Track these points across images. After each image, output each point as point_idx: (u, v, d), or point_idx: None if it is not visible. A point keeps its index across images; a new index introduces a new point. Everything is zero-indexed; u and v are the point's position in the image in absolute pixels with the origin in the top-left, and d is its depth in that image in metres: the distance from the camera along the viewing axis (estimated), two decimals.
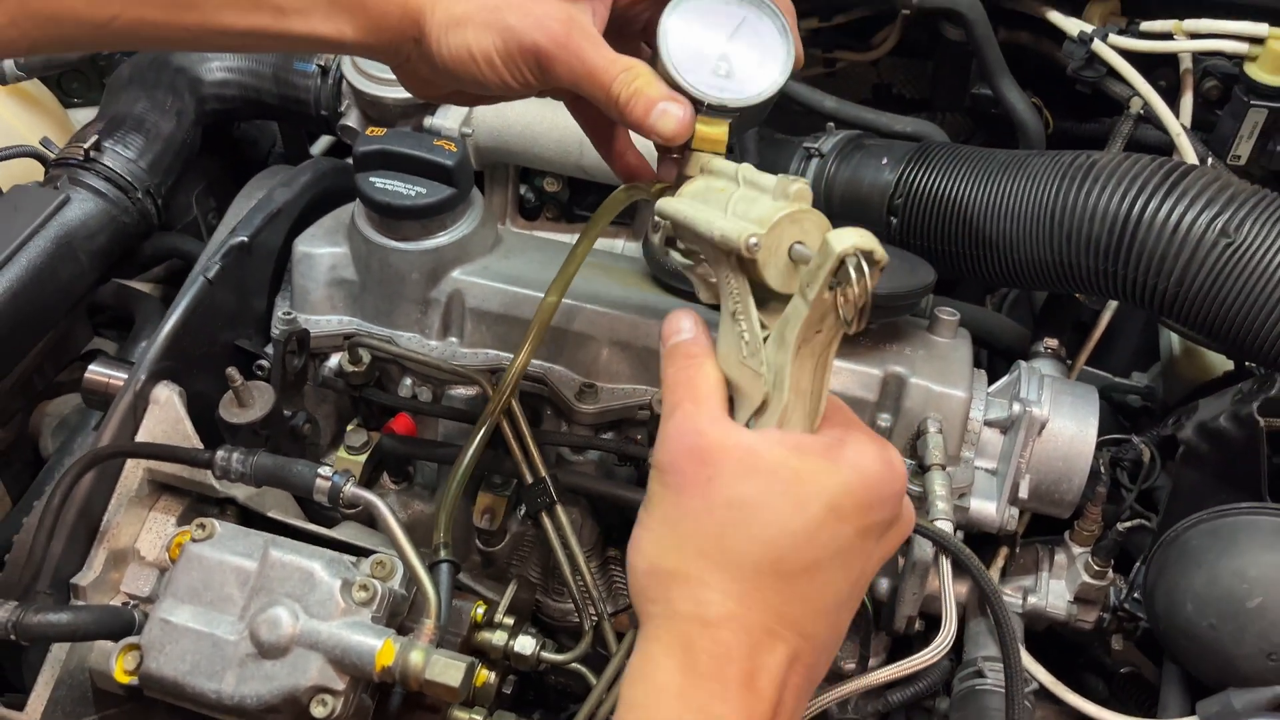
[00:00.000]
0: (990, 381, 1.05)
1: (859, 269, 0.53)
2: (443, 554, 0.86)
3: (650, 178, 0.77)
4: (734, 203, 0.63)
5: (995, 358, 1.32)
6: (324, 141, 1.49)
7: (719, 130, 0.69)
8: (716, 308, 0.65)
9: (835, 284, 0.55)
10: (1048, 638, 1.09)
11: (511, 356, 0.92)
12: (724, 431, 0.58)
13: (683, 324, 0.64)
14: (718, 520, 0.56)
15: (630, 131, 0.77)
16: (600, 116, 0.76)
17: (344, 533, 0.93)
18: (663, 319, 0.67)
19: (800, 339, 0.57)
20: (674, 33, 0.69)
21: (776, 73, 0.70)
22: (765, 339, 0.60)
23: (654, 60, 0.70)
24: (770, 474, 0.56)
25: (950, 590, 0.91)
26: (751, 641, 0.55)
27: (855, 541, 0.57)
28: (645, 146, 0.78)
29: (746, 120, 0.71)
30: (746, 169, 0.65)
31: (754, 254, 0.58)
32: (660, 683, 0.55)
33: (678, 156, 0.71)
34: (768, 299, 0.61)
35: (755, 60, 0.70)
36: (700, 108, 0.69)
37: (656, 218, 0.69)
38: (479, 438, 0.90)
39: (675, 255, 0.68)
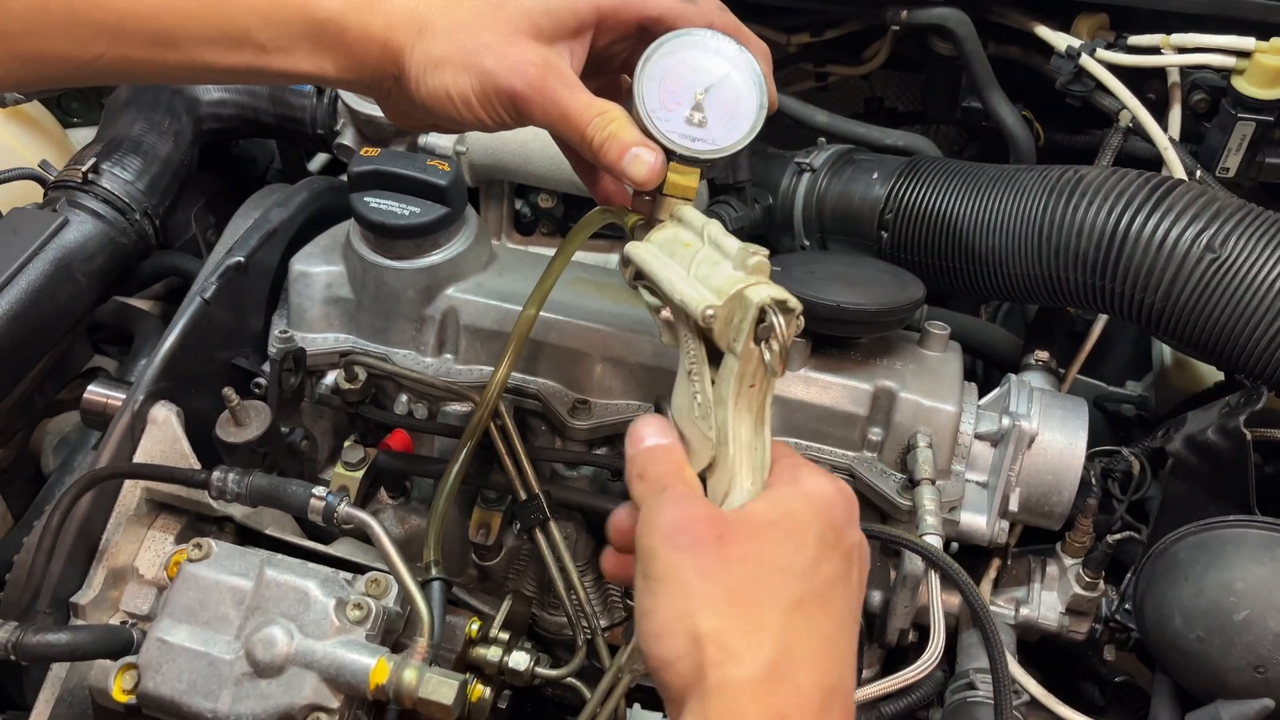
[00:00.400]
0: (984, 392, 1.06)
1: (777, 317, 0.58)
2: (434, 571, 0.87)
3: (627, 204, 0.78)
4: (697, 263, 0.65)
5: (990, 368, 1.32)
6: (322, 159, 1.50)
7: (690, 179, 0.71)
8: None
9: (760, 338, 0.59)
10: (1043, 647, 1.10)
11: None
12: (715, 508, 0.59)
13: (657, 430, 0.64)
14: (738, 575, 0.55)
15: None
16: None
17: (341, 549, 0.95)
18: (655, 334, 0.68)
19: (736, 394, 0.60)
20: (650, 80, 0.71)
21: (747, 126, 0.72)
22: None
23: (629, 103, 0.71)
24: (770, 525, 0.57)
25: (939, 605, 0.92)
26: (801, 704, 0.53)
27: (845, 566, 0.58)
28: None
29: (717, 166, 0.73)
30: (713, 228, 0.67)
31: (710, 324, 0.60)
32: None
33: (649, 199, 0.73)
34: (721, 360, 0.63)
35: (728, 112, 0.72)
36: (673, 156, 0.71)
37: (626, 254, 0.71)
38: (464, 454, 0.92)
39: (644, 294, 0.69)
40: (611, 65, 0.77)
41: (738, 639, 0.53)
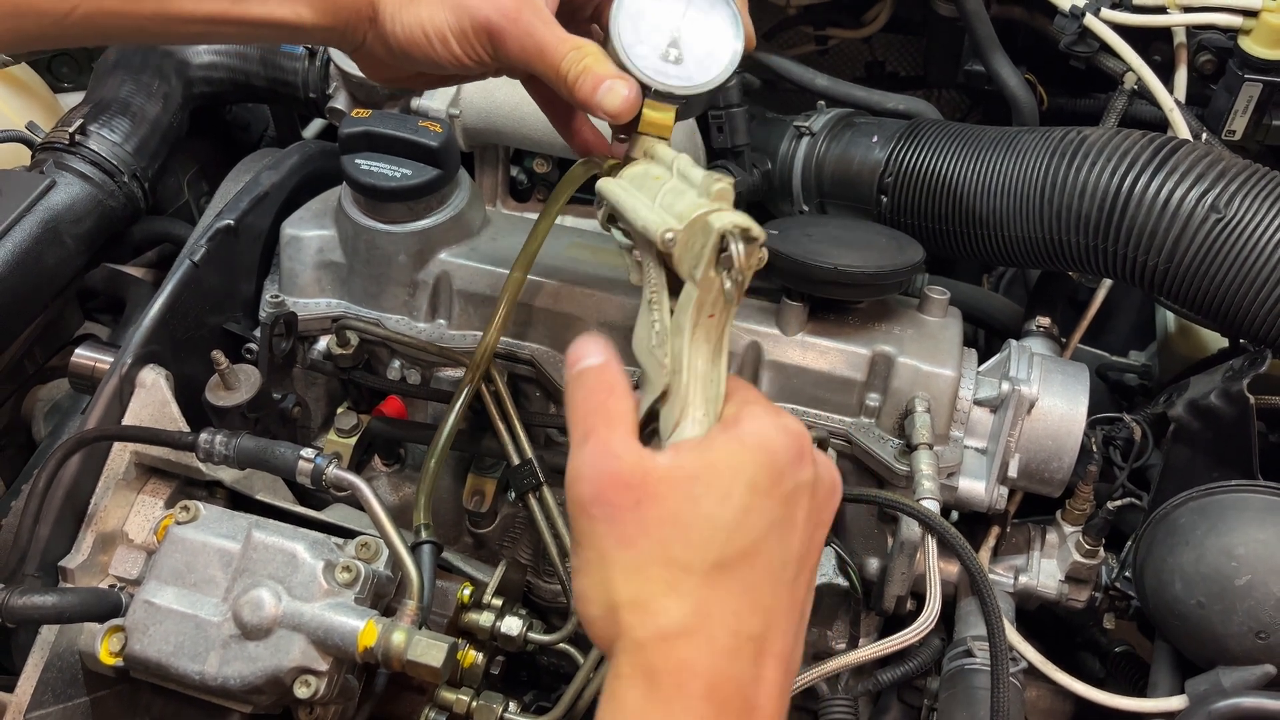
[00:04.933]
0: (985, 361, 1.04)
1: (738, 245, 0.56)
2: (423, 535, 0.86)
3: (606, 151, 0.77)
4: (664, 193, 0.64)
5: (991, 337, 1.31)
6: (317, 124, 1.49)
7: (665, 116, 0.71)
8: None
9: (720, 267, 0.57)
10: (1044, 617, 1.09)
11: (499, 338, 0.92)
12: (639, 453, 0.57)
13: (590, 349, 0.61)
14: (656, 539, 0.55)
15: None
16: (555, 93, 0.77)
17: (333, 515, 0.94)
18: None
19: (694, 322, 0.59)
20: (626, 16, 0.70)
21: (725, 62, 0.71)
22: None
23: (605, 43, 0.71)
24: (691, 479, 0.55)
25: (935, 569, 0.90)
26: (713, 652, 0.54)
27: (783, 511, 0.56)
28: (602, 123, 0.79)
29: (694, 106, 0.72)
30: (682, 160, 0.66)
31: (669, 248, 0.59)
32: (625, 711, 0.54)
33: (625, 139, 0.72)
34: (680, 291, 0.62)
35: (705, 48, 0.71)
36: (648, 92, 0.70)
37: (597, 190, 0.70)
38: (453, 414, 0.91)
39: (616, 234, 0.68)
40: (583, 14, 0.77)
41: (653, 602, 0.54)
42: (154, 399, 0.92)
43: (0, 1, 0.63)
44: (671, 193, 0.63)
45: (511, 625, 0.91)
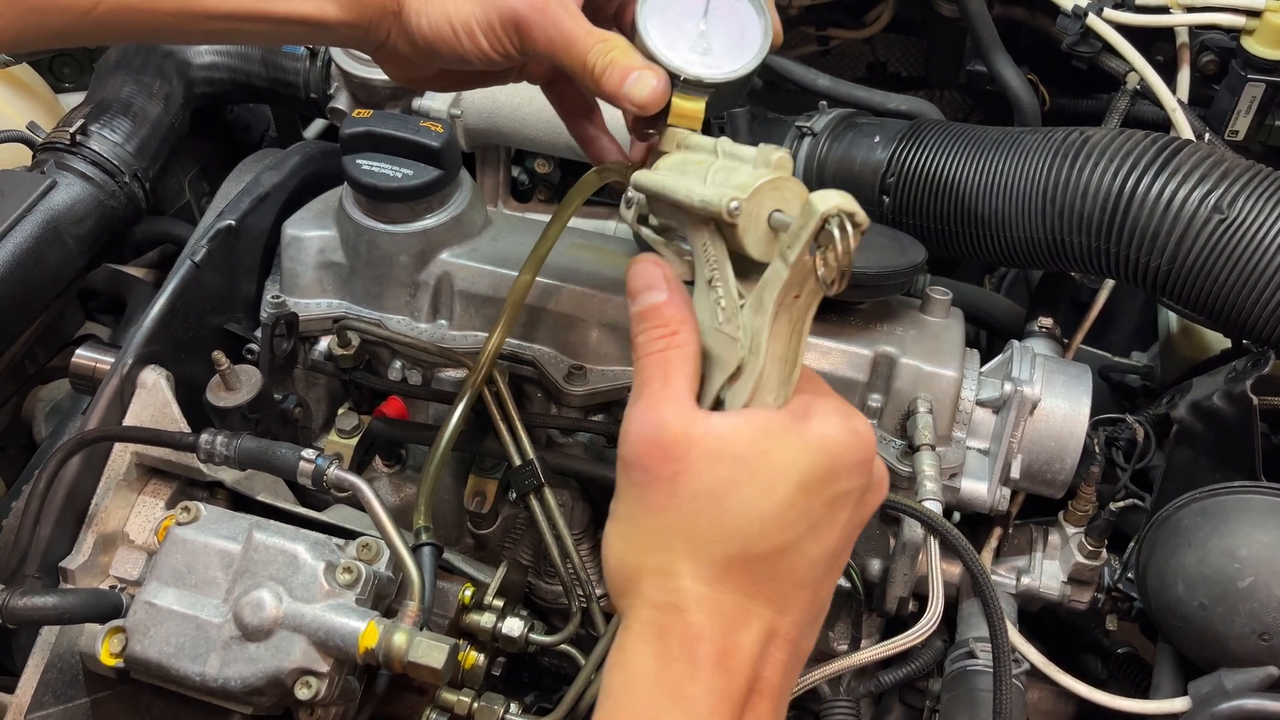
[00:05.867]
0: (987, 362, 1.04)
1: (841, 230, 0.52)
2: (424, 537, 0.86)
3: (622, 160, 0.77)
4: (713, 173, 0.62)
5: (993, 338, 1.31)
6: (318, 125, 1.49)
7: (696, 105, 0.69)
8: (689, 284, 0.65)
9: (816, 247, 0.54)
10: (1047, 619, 1.09)
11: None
12: (688, 420, 0.56)
13: (654, 279, 0.60)
14: (684, 514, 0.55)
15: (603, 118, 0.77)
16: (575, 98, 0.76)
17: (334, 516, 0.94)
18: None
19: (779, 303, 0.56)
20: (653, 11, 0.70)
21: (754, 50, 0.70)
22: (742, 306, 0.59)
23: (632, 36, 0.70)
24: (738, 460, 0.55)
25: (937, 570, 0.90)
26: (724, 622, 0.54)
27: (825, 514, 0.56)
28: (619, 132, 0.78)
29: (724, 97, 0.71)
30: (725, 142, 0.65)
31: (735, 218, 0.57)
32: (635, 668, 0.55)
33: (653, 132, 0.71)
34: (744, 268, 0.60)
35: (733, 37, 0.70)
36: (677, 82, 0.69)
37: (629, 194, 0.69)
38: (455, 417, 0.90)
39: (646, 232, 0.67)
40: (606, 13, 0.76)
41: (672, 571, 0.55)
42: (155, 399, 0.92)
43: None
44: (723, 170, 0.62)
45: (513, 626, 0.91)
